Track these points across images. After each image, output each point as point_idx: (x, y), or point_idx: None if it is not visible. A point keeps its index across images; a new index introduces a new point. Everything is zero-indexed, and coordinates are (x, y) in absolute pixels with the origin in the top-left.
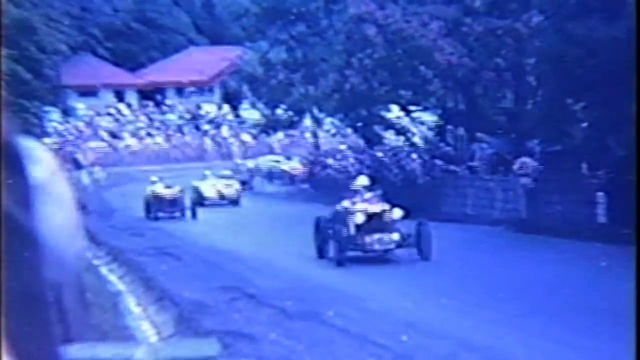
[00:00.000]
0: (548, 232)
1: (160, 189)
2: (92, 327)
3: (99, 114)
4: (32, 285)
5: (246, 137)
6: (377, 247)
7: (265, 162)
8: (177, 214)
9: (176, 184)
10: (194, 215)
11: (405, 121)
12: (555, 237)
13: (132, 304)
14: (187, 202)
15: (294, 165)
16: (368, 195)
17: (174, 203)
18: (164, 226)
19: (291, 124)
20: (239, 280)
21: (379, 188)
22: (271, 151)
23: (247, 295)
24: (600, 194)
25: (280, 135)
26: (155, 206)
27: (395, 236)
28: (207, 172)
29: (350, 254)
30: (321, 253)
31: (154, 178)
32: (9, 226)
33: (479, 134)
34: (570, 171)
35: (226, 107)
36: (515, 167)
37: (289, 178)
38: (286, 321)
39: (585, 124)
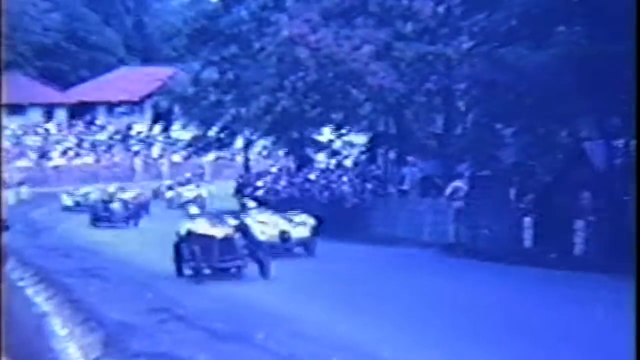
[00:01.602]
0: (475, 255)
1: (205, 226)
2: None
3: (26, 133)
4: None
5: (176, 158)
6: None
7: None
8: (234, 268)
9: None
10: (263, 271)
11: (336, 144)
12: (482, 261)
13: (57, 326)
14: None
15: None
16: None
17: (230, 248)
18: (90, 245)
19: (222, 145)
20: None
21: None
22: (202, 172)
23: (176, 317)
24: (527, 218)
25: (211, 156)
26: (199, 255)
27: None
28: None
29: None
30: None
31: (193, 209)
32: None
33: (409, 157)
34: (498, 195)
35: (157, 128)
36: (448, 191)
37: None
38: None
39: (513, 149)
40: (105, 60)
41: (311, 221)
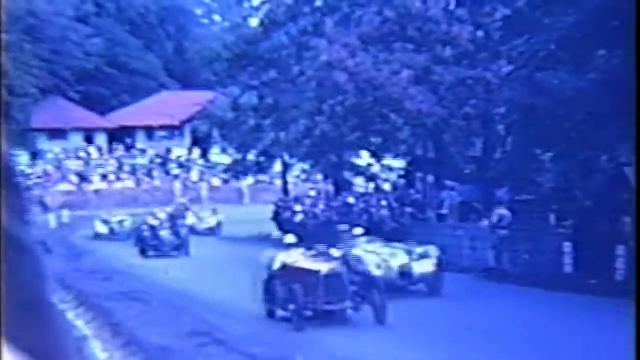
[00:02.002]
0: (515, 280)
1: (305, 259)
2: None
3: (68, 157)
4: (35, 290)
5: (216, 182)
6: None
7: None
8: (342, 311)
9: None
10: (378, 314)
11: (375, 168)
12: (522, 286)
13: (98, 349)
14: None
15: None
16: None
17: (337, 286)
18: (130, 269)
19: (261, 169)
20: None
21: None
22: (240, 196)
23: (216, 341)
24: (567, 243)
25: (250, 180)
26: (301, 295)
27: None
28: (359, 233)
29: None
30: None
31: (289, 239)
32: (10, 240)
33: (448, 182)
34: (538, 220)
35: (196, 152)
36: (495, 219)
37: None
38: None
39: (553, 174)
40: (146, 85)
41: (436, 253)
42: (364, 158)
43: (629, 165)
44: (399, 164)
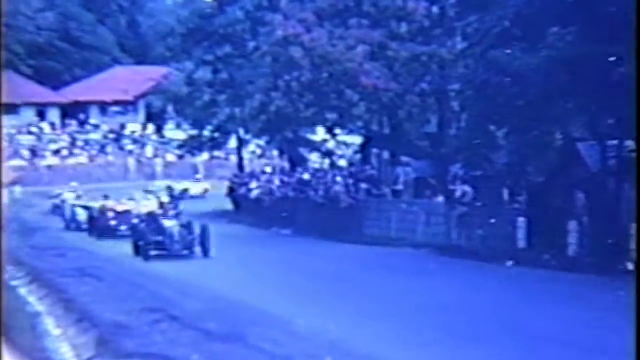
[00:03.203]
0: (469, 255)
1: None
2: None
3: (20, 132)
4: None
5: (170, 157)
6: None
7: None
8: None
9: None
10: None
11: (330, 143)
12: (476, 261)
13: (51, 326)
14: None
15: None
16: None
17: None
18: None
19: (216, 145)
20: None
21: None
22: (195, 172)
23: (170, 317)
24: (520, 218)
25: (205, 155)
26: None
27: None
28: None
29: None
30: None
31: None
32: None
33: (402, 158)
34: (492, 196)
35: (151, 127)
36: (458, 194)
37: None
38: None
39: (506, 150)
40: (99, 59)
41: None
42: (319, 134)
43: (582, 141)
44: (354, 139)
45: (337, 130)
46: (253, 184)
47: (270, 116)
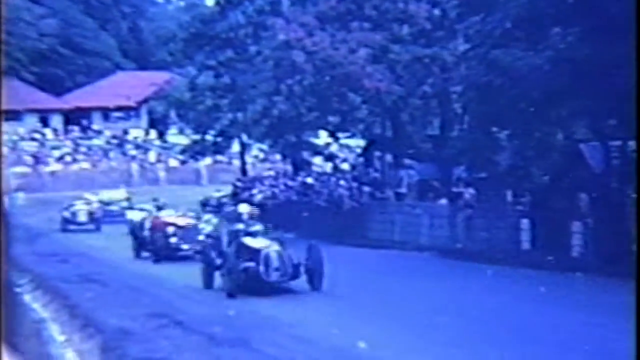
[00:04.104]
0: (473, 257)
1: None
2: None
3: (23, 139)
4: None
5: (173, 163)
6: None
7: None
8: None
9: None
10: None
11: (333, 147)
12: (480, 263)
13: (56, 332)
14: None
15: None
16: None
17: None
18: (88, 251)
19: (219, 150)
20: (167, 306)
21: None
22: (198, 177)
23: (175, 322)
24: (524, 220)
25: (207, 160)
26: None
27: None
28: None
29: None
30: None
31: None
32: None
33: (406, 160)
34: (495, 198)
35: (153, 133)
36: (467, 196)
37: None
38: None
39: (509, 152)
40: (101, 65)
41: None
42: (322, 137)
43: (585, 142)
44: (357, 142)
45: (340, 134)
46: (256, 189)
47: (273, 120)
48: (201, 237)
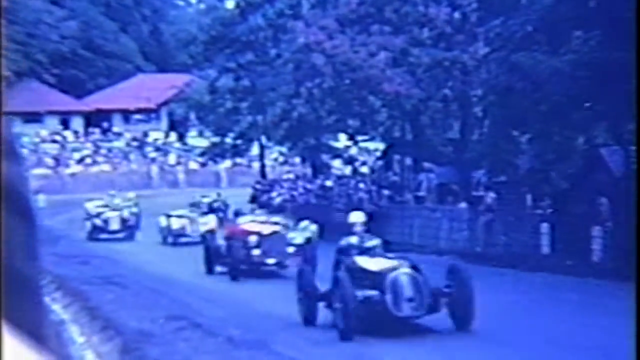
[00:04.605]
0: (492, 261)
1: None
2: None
3: (44, 141)
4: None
5: (193, 165)
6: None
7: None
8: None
9: None
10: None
11: (352, 150)
12: (499, 267)
13: (75, 334)
14: None
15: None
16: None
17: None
18: (108, 253)
19: (238, 152)
20: (186, 309)
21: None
22: (218, 179)
23: (194, 325)
24: (544, 224)
25: (227, 163)
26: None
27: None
28: None
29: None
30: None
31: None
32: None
33: (425, 164)
34: (515, 202)
35: (173, 135)
36: (488, 201)
37: None
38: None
39: (529, 156)
40: (122, 67)
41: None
42: (342, 140)
43: (605, 146)
44: (377, 146)
45: (360, 137)
46: (275, 192)
47: (293, 123)
48: (291, 250)
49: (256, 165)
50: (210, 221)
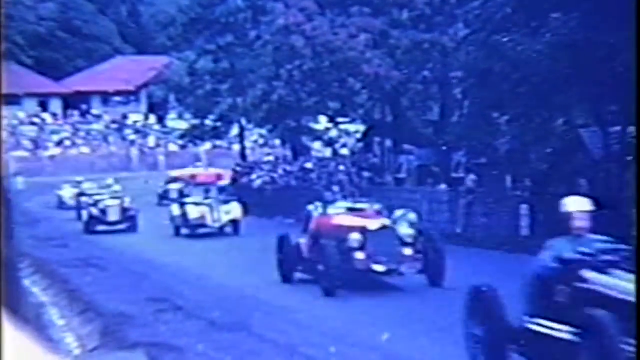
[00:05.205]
0: (472, 243)
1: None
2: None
3: (22, 123)
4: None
5: (173, 147)
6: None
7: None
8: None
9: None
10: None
11: (332, 132)
12: (479, 249)
13: (55, 316)
14: None
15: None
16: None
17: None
18: (88, 237)
19: (218, 135)
20: (166, 291)
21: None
22: (197, 161)
23: (175, 307)
24: (523, 206)
25: (207, 145)
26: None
27: None
28: None
29: None
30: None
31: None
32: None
33: (405, 146)
34: (495, 184)
35: (153, 117)
36: (469, 184)
37: None
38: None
39: (509, 137)
40: (101, 49)
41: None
42: (322, 123)
43: (585, 128)
44: (357, 128)
45: (340, 119)
46: (254, 176)
47: (273, 105)
48: (408, 252)
49: (236, 147)
50: (234, 209)
